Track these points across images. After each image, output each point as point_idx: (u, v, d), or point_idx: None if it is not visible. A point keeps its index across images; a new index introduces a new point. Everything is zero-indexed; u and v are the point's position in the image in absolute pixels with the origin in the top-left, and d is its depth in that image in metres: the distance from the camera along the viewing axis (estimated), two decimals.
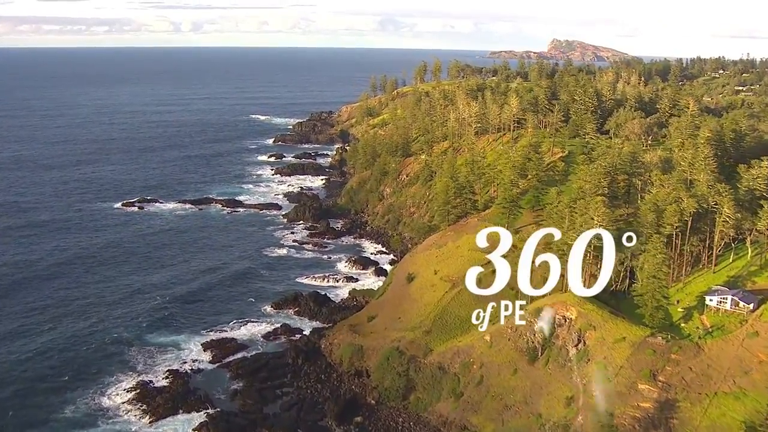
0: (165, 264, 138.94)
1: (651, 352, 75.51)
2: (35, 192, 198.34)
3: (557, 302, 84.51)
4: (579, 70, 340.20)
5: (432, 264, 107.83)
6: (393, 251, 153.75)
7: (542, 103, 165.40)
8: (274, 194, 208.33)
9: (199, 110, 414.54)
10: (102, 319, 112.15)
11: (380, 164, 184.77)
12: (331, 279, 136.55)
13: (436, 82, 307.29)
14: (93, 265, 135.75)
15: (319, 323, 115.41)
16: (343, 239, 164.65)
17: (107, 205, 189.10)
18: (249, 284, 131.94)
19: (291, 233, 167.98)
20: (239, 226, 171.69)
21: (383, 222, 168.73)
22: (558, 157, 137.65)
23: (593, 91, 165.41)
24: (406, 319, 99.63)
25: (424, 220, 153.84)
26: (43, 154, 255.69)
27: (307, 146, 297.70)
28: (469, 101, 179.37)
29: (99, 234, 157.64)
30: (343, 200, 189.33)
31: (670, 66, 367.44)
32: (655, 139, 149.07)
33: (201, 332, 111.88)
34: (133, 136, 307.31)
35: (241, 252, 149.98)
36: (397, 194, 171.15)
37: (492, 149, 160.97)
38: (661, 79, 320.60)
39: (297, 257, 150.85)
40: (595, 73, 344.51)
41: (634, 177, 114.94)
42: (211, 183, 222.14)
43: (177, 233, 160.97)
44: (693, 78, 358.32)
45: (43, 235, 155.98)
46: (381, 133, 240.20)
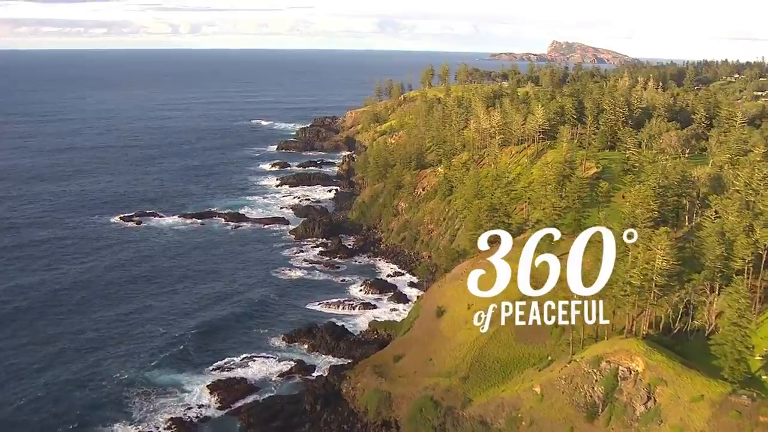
0: (166, 290, 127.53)
1: (736, 414, 64.67)
2: (27, 206, 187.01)
3: (619, 350, 73.71)
4: (592, 75, 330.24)
5: (464, 297, 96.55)
6: (411, 272, 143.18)
7: (569, 113, 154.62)
8: (280, 207, 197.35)
9: (198, 116, 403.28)
10: (100, 359, 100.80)
11: (394, 176, 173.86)
12: (346, 306, 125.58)
13: (445, 87, 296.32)
14: (88, 295, 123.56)
15: (337, 359, 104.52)
16: (356, 259, 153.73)
17: (104, 219, 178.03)
18: (258, 312, 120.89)
19: (300, 252, 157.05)
20: (245, 244, 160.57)
21: (399, 240, 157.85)
22: (593, 173, 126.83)
23: (624, 99, 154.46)
24: (439, 362, 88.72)
25: (444, 239, 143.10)
26: (36, 163, 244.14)
27: (312, 154, 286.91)
28: (489, 110, 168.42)
29: (95, 256, 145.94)
30: (354, 215, 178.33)
31: (685, 70, 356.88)
32: (693, 152, 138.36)
33: (206, 370, 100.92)
34: (131, 143, 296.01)
35: (248, 275, 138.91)
36: (414, 210, 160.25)
37: (516, 162, 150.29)
38: (676, 84, 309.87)
39: (308, 279, 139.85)
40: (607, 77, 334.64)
41: (683, 197, 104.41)
42: (212, 194, 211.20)
43: (178, 254, 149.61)
44: (708, 82, 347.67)
45: (35, 257, 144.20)
46: (391, 141, 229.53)
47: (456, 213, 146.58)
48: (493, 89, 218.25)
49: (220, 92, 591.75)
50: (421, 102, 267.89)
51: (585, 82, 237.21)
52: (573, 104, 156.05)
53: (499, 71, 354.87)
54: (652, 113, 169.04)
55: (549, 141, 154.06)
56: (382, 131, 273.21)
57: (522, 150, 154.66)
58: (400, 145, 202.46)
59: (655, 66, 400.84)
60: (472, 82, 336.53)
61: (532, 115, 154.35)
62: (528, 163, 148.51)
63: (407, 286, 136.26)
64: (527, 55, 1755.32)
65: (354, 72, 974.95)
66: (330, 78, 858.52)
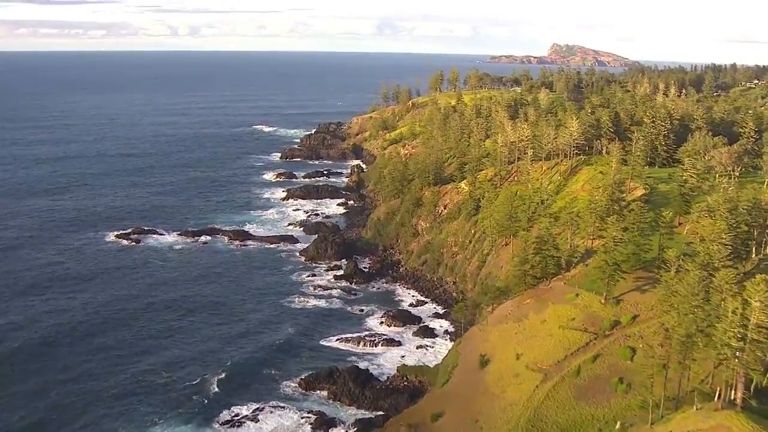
0: (168, 331, 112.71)
1: None
2: (17, 224, 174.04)
3: (717, 427, 61.15)
4: (608, 81, 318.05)
5: (511, 344, 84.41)
6: (435, 300, 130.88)
7: (606, 126, 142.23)
8: (288, 223, 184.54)
9: (198, 121, 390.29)
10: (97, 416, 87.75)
11: (412, 193, 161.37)
12: (367, 342, 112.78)
13: (456, 93, 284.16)
14: (82, 337, 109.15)
15: (363, 411, 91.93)
16: (374, 284, 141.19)
17: (99, 237, 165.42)
18: (270, 352, 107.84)
19: (313, 275, 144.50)
20: (252, 268, 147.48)
21: (420, 263, 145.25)
22: (640, 195, 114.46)
23: (666, 111, 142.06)
24: (487, 423, 76.06)
25: (472, 264, 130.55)
26: (28, 175, 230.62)
27: (318, 163, 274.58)
28: (518, 122, 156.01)
29: (89, 286, 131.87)
30: (369, 233, 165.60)
31: (704, 75, 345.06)
32: (745, 170, 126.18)
33: (213, 424, 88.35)
34: (128, 152, 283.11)
35: (257, 306, 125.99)
36: (435, 230, 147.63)
37: (549, 179, 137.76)
38: (695, 89, 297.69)
39: (323, 309, 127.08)
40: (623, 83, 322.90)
41: (753, 227, 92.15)
42: (214, 209, 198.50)
43: (180, 283, 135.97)
44: (727, 88, 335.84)
45: (23, 288, 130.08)
46: (405, 153, 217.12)
47: (483, 235, 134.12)
48: (513, 97, 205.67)
49: (220, 96, 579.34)
50: (433, 109, 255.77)
51: (614, 90, 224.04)
52: (609, 116, 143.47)
53: (509, 76, 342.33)
54: (690, 125, 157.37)
55: (583, 156, 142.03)
56: (391, 140, 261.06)
57: (554, 166, 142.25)
58: (415, 156, 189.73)
59: (673, 71, 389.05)
60: (482, 88, 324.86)
61: (564, 127, 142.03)
62: (561, 180, 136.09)
63: (433, 318, 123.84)
64: (527, 58, 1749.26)
65: (356, 75, 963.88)
66: (331, 80, 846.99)
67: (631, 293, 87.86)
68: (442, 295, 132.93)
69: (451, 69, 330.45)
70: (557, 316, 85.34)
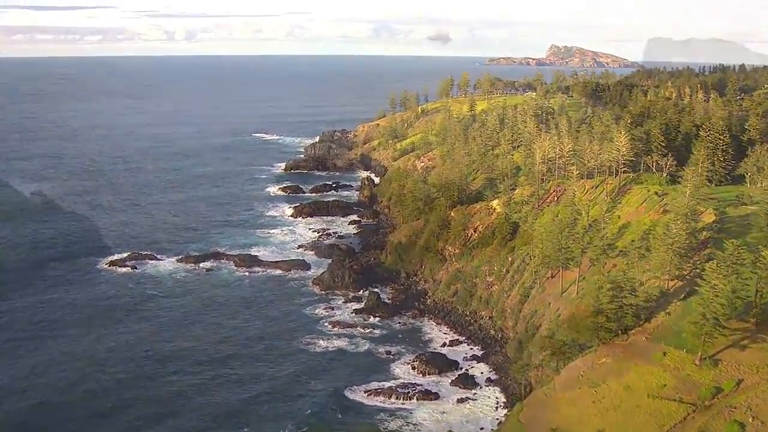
0: (166, 394, 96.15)
1: None
2: (3, 251, 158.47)
3: None
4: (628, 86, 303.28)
5: (589, 417, 69.11)
6: (470, 338, 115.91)
7: (656, 140, 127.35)
8: (298, 246, 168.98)
9: (196, 131, 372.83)
10: None
11: (437, 213, 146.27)
12: (400, 395, 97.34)
13: (469, 99, 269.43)
14: (73, 399, 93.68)
15: None
16: (399, 319, 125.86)
17: (91, 265, 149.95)
18: (286, 409, 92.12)
19: (330, 309, 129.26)
20: (262, 302, 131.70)
21: (449, 294, 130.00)
22: (711, 221, 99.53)
23: (724, 123, 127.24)
24: None
25: (512, 298, 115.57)
26: (14, 194, 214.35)
27: (325, 174, 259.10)
28: (551, 133, 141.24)
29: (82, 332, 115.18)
30: (389, 258, 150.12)
31: (727, 78, 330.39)
32: None
33: None
34: (123, 165, 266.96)
35: (268, 348, 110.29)
36: (466, 256, 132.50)
37: (593, 201, 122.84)
38: (719, 93, 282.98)
39: (344, 351, 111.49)
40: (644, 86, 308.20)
41: None
42: (217, 229, 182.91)
43: (184, 324, 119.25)
44: (750, 91, 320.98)
45: (10, 339, 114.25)
46: (420, 165, 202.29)
47: (524, 264, 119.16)
48: (539, 104, 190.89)
49: (218, 102, 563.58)
50: (446, 116, 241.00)
51: (658, 99, 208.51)
52: (660, 128, 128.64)
53: (522, 80, 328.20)
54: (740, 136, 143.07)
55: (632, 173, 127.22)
56: (402, 149, 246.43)
57: (599, 184, 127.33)
58: (436, 171, 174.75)
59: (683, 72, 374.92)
60: (495, 93, 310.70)
61: (609, 142, 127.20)
62: (608, 201, 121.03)
63: (471, 361, 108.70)
64: (526, 60, 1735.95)
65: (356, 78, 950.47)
66: (332, 85, 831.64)
67: (729, 350, 72.71)
68: (478, 332, 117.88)
69: (462, 74, 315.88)
70: (644, 382, 70.14)
